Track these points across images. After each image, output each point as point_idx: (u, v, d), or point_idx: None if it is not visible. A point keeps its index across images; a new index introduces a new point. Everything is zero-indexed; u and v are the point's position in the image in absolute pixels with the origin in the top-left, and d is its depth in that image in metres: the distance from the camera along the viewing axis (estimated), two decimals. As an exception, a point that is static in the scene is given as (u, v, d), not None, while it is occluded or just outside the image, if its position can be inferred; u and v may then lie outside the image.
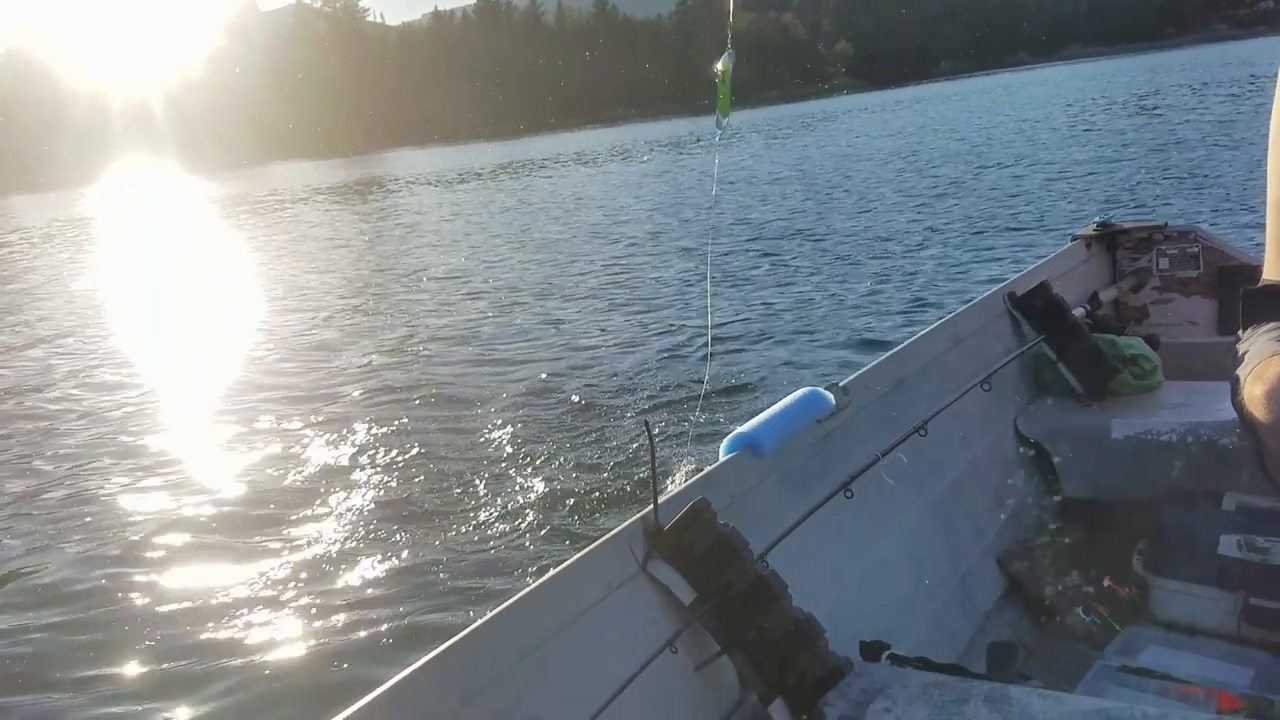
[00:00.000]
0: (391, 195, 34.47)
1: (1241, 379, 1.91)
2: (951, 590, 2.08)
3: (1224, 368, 2.19)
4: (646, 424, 1.56)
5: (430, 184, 38.16)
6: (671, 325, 8.42)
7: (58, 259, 22.89)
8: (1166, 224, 3.25)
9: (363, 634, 3.59)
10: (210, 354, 9.60)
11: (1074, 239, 3.26)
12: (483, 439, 5.72)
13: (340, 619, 3.72)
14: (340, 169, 64.87)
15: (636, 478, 4.55)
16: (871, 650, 1.57)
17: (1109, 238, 3.29)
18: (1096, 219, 3.33)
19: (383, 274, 14.07)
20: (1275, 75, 2.02)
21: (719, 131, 2.09)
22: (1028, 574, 2.21)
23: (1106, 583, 2.19)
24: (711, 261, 11.72)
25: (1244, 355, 2.02)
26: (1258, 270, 2.22)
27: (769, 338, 7.56)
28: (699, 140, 44.55)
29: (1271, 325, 2.03)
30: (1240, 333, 2.13)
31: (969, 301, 2.63)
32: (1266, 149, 2.08)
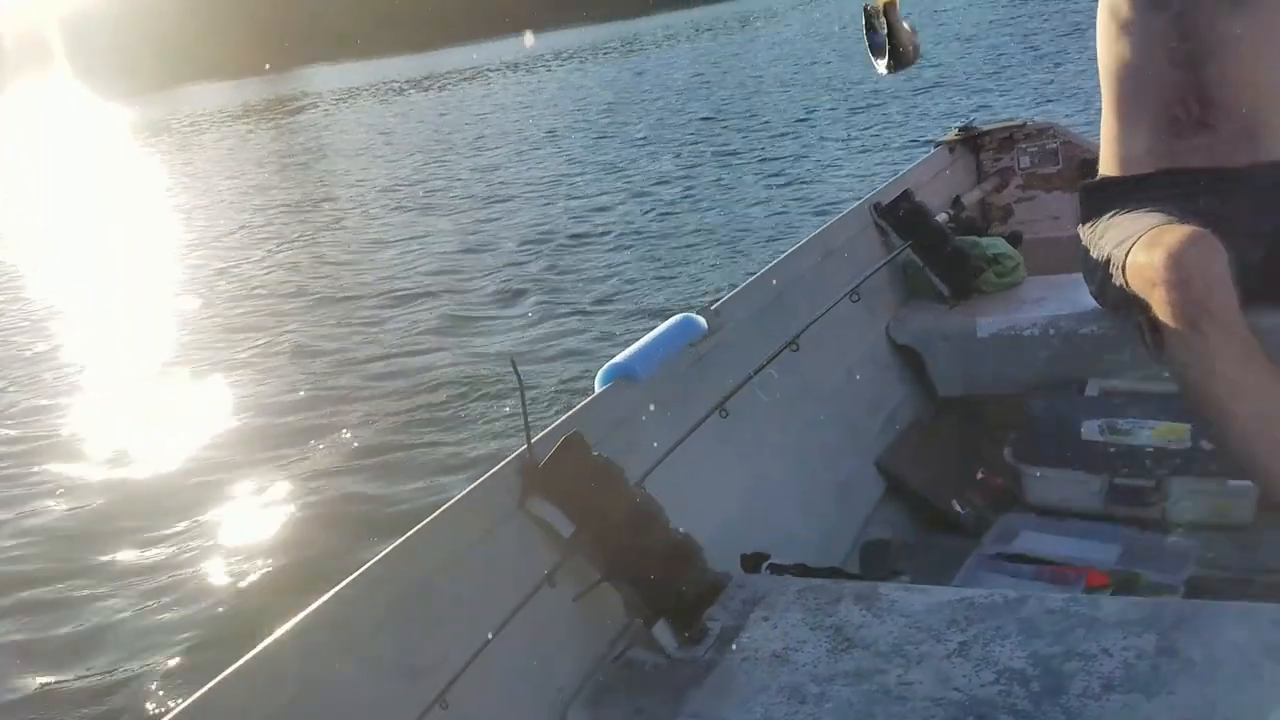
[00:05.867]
0: (304, 115, 33.73)
1: (1116, 258, 1.96)
2: (833, 497, 2.13)
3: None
4: (513, 362, 1.55)
5: (343, 101, 37.31)
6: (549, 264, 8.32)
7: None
8: (1026, 122, 3.32)
9: (237, 596, 3.56)
10: (117, 292, 9.49)
11: (937, 145, 3.32)
12: (359, 386, 5.66)
13: (209, 585, 3.69)
14: (251, 89, 63.30)
15: (511, 417, 4.53)
16: (751, 562, 1.60)
17: (972, 141, 3.36)
18: (958, 123, 3.39)
19: (270, 205, 13.84)
20: None
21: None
22: (906, 474, 2.28)
23: (981, 475, 2.28)
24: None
25: (1100, 243, 2.08)
26: None
27: (639, 265, 7.55)
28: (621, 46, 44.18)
29: (1112, 212, 2.10)
30: (1080, 227, 2.20)
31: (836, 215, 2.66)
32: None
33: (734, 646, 1.33)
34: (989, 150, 3.37)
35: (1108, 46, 2.09)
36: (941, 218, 2.74)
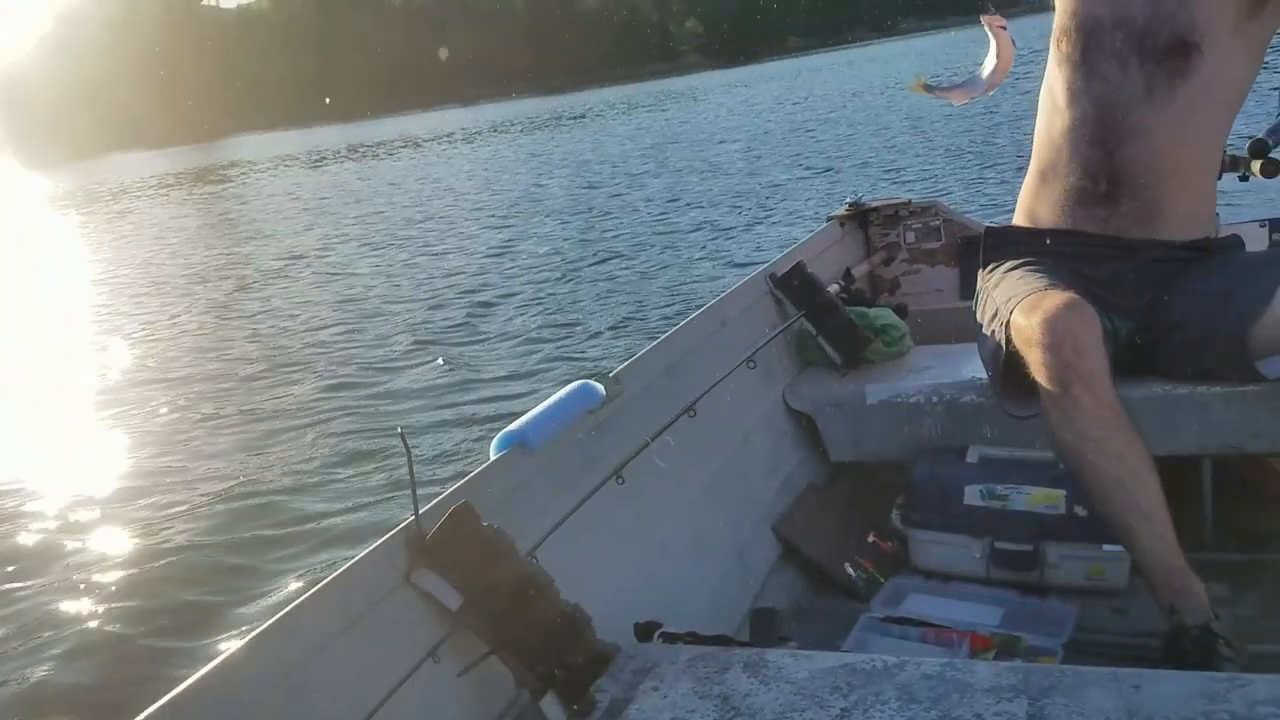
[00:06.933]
0: (235, 185, 33.32)
1: (1002, 315, 2.05)
2: (729, 563, 2.15)
3: (967, 329, 2.36)
4: (401, 432, 1.55)
5: (271, 170, 36.90)
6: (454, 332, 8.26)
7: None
8: (911, 200, 3.46)
9: (104, 671, 3.39)
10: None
11: (829, 219, 3.43)
12: (252, 452, 5.53)
13: (76, 657, 3.51)
14: (182, 158, 62.34)
15: (403, 485, 4.39)
16: (644, 631, 1.60)
17: (861, 216, 3.48)
18: (848, 199, 3.52)
19: (177, 277, 13.46)
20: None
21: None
22: (800, 538, 2.31)
23: (871, 538, 2.33)
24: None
25: (994, 293, 2.18)
26: None
27: (542, 333, 7.56)
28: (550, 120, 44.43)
29: (1009, 264, 2.22)
30: (982, 271, 2.31)
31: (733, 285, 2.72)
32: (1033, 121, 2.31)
33: (623, 718, 1.34)
34: (877, 225, 3.50)
35: (1041, 120, 2.27)
36: (833, 289, 2.82)
